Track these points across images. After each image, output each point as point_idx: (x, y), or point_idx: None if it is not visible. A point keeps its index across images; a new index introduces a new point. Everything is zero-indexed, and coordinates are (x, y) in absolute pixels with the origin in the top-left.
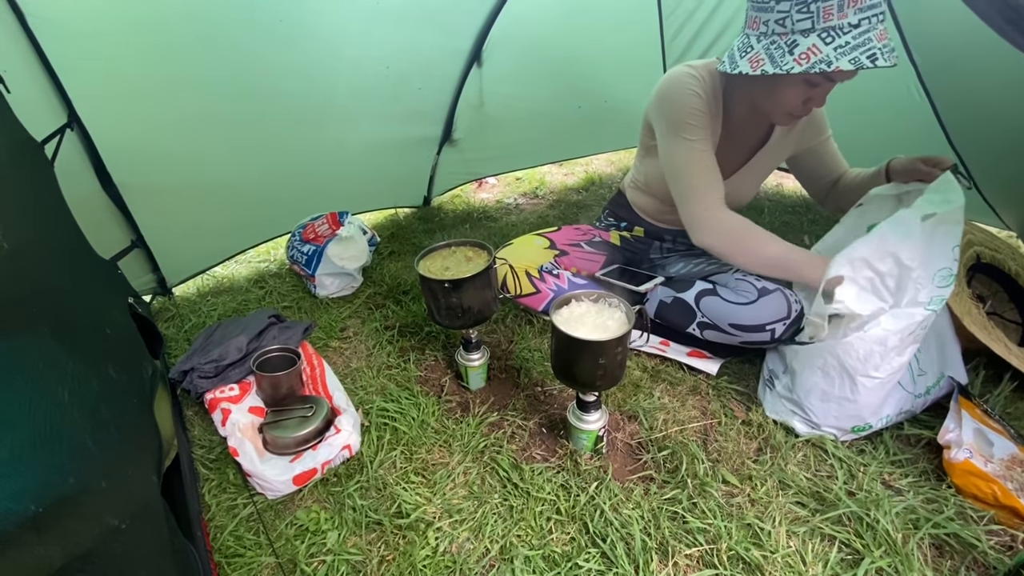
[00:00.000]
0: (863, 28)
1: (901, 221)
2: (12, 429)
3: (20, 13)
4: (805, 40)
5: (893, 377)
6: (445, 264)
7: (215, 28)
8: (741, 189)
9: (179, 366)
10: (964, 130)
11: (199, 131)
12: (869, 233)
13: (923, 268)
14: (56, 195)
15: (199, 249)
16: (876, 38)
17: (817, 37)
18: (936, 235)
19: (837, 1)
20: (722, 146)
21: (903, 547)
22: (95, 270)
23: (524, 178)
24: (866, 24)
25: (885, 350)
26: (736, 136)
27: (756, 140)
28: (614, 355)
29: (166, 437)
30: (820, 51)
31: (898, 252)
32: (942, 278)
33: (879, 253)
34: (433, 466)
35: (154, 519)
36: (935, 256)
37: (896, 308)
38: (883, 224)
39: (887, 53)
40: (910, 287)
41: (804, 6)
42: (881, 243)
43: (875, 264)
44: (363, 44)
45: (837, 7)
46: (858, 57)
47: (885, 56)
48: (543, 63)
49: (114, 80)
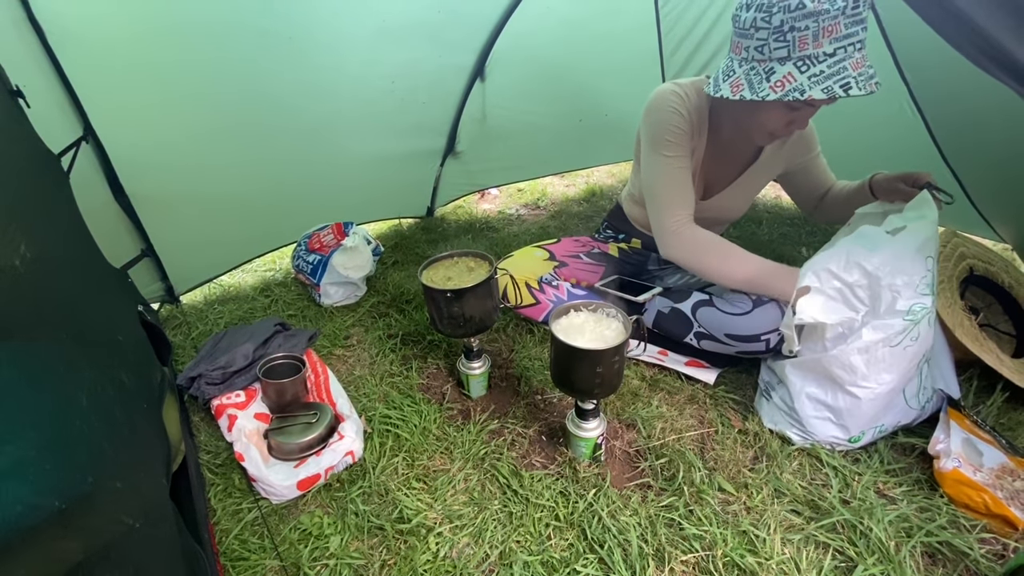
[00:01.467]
0: (838, 57)
1: (864, 234)
2: (38, 430)
3: (40, 30)
4: (782, 68)
5: (888, 390)
6: (448, 274)
7: (228, 45)
8: (732, 204)
9: (187, 372)
10: (956, 144)
11: (209, 143)
12: (834, 246)
13: (893, 277)
14: (72, 206)
15: (206, 258)
16: (852, 67)
17: (793, 65)
18: (907, 246)
19: (812, 31)
20: (711, 163)
21: (896, 555)
22: (107, 279)
23: (526, 189)
24: (841, 53)
25: (870, 361)
26: (727, 152)
27: (747, 157)
28: (611, 364)
29: (174, 441)
30: (795, 79)
31: (863, 262)
32: (922, 287)
33: (844, 264)
34: (434, 472)
35: (165, 520)
36: (907, 267)
37: (875, 319)
38: (847, 238)
39: (863, 82)
40: (884, 295)
41: (781, 35)
42: (846, 255)
43: (841, 275)
44: (370, 60)
45: (812, 36)
46: (831, 86)
47: (860, 85)
48: (545, 78)
49: (128, 95)
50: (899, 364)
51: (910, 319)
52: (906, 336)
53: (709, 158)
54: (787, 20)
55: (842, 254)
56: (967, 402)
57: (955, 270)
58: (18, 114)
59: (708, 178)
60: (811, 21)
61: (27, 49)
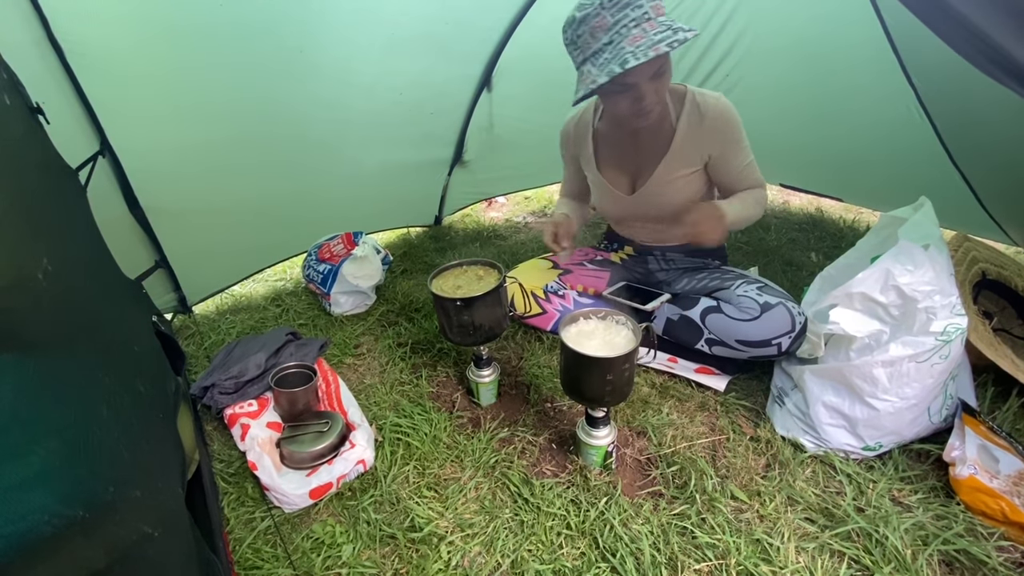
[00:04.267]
0: (615, 43)
1: (904, 251)
2: (62, 440)
3: (59, 49)
4: (585, 68)
5: (910, 404)
6: (457, 283)
7: (240, 60)
8: (661, 192)
9: (200, 382)
10: (964, 145)
11: (221, 156)
12: (872, 265)
13: (930, 299)
14: (89, 219)
15: (218, 268)
16: (628, 43)
17: (589, 64)
18: (943, 265)
19: (587, 32)
20: (619, 156)
21: (912, 563)
22: (123, 290)
23: (533, 197)
24: (617, 38)
25: (893, 375)
26: (633, 145)
27: (660, 147)
28: (621, 371)
29: (188, 450)
30: (591, 74)
31: (901, 284)
32: (958, 307)
33: (882, 286)
34: (445, 481)
35: (182, 529)
36: (945, 287)
37: (906, 335)
38: (886, 256)
39: (643, 50)
40: (919, 316)
41: (575, 46)
42: (884, 276)
43: (876, 297)
44: (379, 72)
45: (590, 35)
46: (612, 68)
47: (637, 56)
48: (550, 87)
49: (143, 109)
50: (924, 380)
51: (943, 339)
52: (936, 354)
53: (615, 154)
54: (571, 33)
55: (881, 275)
56: (982, 408)
57: (967, 274)
58: (39, 130)
59: (629, 172)
60: (584, 26)
61: (46, 67)
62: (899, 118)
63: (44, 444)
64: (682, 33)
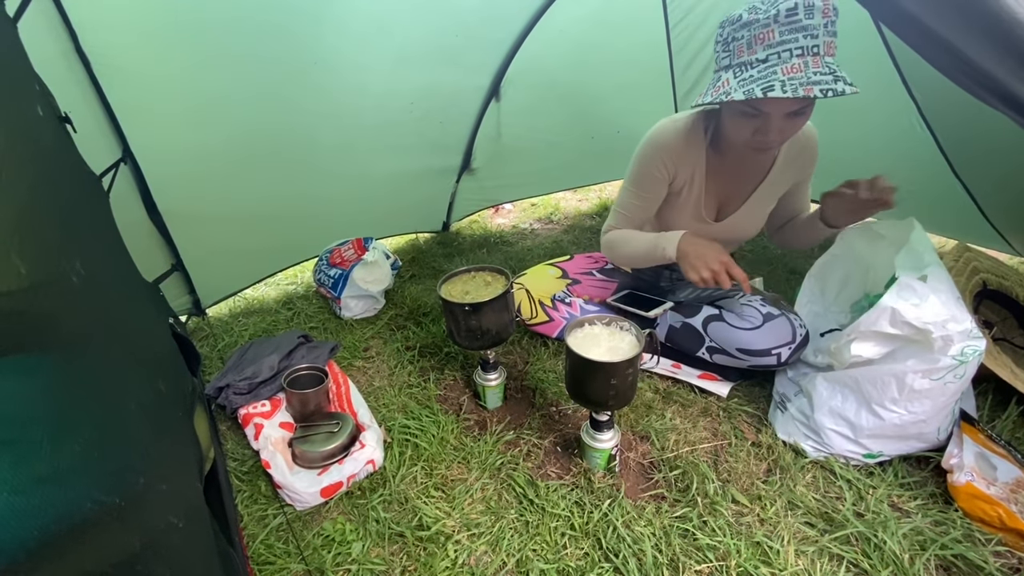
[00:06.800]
0: (770, 63)
1: (904, 287)
2: (99, 431)
3: (86, 60)
4: (725, 75)
5: (917, 420)
6: (465, 288)
7: (256, 70)
8: (745, 223)
9: (215, 383)
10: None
11: (236, 163)
12: (875, 306)
13: (943, 328)
14: (112, 224)
15: (232, 272)
16: (783, 71)
17: (732, 72)
18: (950, 292)
19: (747, 39)
20: (719, 183)
21: (910, 567)
22: (143, 292)
23: (539, 204)
24: (774, 59)
25: (903, 387)
26: (737, 171)
27: (757, 175)
28: (625, 376)
29: (204, 448)
30: (728, 84)
31: (912, 320)
32: (975, 331)
33: (890, 322)
34: (452, 481)
35: (202, 521)
36: (956, 314)
37: (925, 352)
38: (888, 296)
39: (791, 85)
40: (936, 343)
41: (725, 45)
42: (890, 315)
43: (890, 331)
44: (389, 83)
45: (747, 44)
46: (753, 88)
47: (785, 88)
48: (558, 97)
49: (163, 118)
50: (936, 398)
51: (960, 359)
52: (950, 372)
53: (715, 178)
54: (729, 32)
55: (887, 315)
56: (982, 417)
57: (968, 284)
58: (67, 139)
59: (720, 198)
60: (746, 31)
61: (73, 78)
62: (901, 130)
63: (83, 435)
64: (842, 84)
